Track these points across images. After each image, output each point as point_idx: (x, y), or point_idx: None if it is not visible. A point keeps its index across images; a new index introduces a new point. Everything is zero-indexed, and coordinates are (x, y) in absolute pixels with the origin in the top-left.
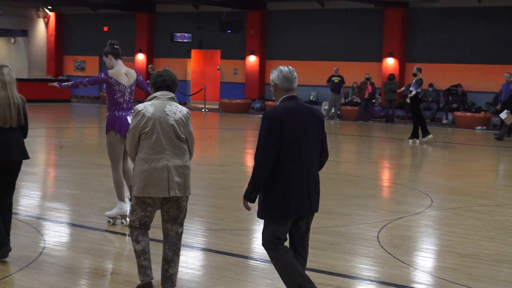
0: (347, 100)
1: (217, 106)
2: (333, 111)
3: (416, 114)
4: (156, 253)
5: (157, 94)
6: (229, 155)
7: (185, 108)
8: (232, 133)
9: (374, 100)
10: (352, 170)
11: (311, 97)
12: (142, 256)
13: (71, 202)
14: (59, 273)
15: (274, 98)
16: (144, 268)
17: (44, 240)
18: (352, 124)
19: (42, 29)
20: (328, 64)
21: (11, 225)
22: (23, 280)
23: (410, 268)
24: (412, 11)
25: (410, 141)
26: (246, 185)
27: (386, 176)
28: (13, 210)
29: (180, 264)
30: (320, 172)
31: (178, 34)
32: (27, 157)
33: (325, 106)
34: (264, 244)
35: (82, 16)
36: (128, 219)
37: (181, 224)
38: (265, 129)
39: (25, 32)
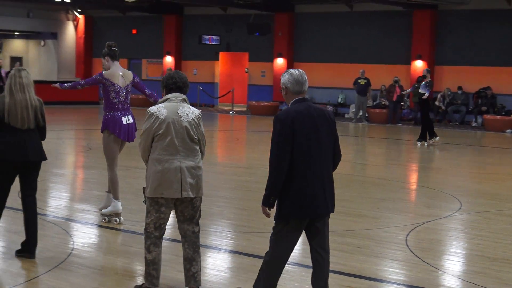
0: (375, 103)
1: (244, 109)
2: (360, 113)
3: (425, 116)
4: (179, 253)
5: (169, 96)
6: (257, 157)
7: (196, 109)
8: (260, 135)
9: (402, 103)
10: (380, 173)
11: (339, 100)
12: (151, 266)
13: (99, 204)
14: (87, 274)
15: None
16: (151, 277)
17: (73, 241)
18: (380, 126)
19: (72, 31)
20: (356, 67)
21: (37, 224)
22: (52, 281)
23: (439, 272)
24: (441, 13)
25: (418, 143)
26: None
27: (414, 179)
28: (43, 212)
29: (207, 265)
30: (348, 175)
31: (206, 37)
32: (44, 158)
33: (352, 108)
34: (272, 235)
35: (111, 18)
36: (122, 218)
37: (197, 223)
38: (277, 132)
39: (54, 35)
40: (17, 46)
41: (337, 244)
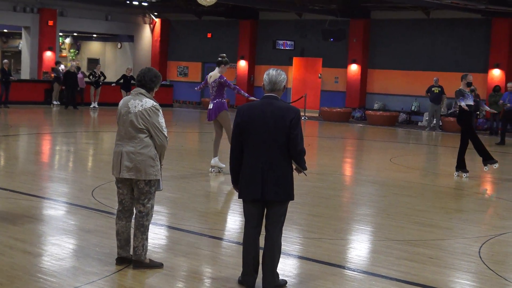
0: (449, 112)
1: (317, 114)
2: (434, 122)
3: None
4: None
5: (132, 90)
6: (328, 163)
7: (151, 102)
8: (332, 141)
9: (478, 112)
10: (454, 183)
11: (413, 107)
12: (116, 236)
13: (171, 205)
14: (158, 275)
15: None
16: (117, 246)
17: None
18: (454, 135)
19: (148, 35)
20: (431, 74)
21: None
22: (123, 280)
23: None
24: None
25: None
26: (345, 194)
27: (489, 190)
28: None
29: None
30: (420, 184)
31: (281, 42)
32: None
33: (426, 117)
34: None
35: (186, 22)
36: (214, 170)
37: (143, 205)
38: (234, 122)
39: (131, 38)
40: (94, 48)
41: (409, 254)
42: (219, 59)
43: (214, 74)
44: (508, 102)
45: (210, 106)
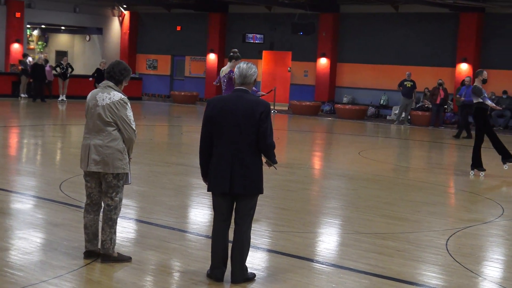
0: (418, 105)
1: (286, 108)
2: (403, 115)
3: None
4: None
5: (101, 83)
6: (297, 157)
7: (119, 95)
8: (301, 135)
9: (446, 106)
10: (422, 176)
11: (382, 101)
12: (84, 230)
13: (140, 199)
14: (126, 269)
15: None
16: (84, 240)
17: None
18: (422, 129)
19: (117, 27)
20: (400, 68)
21: None
22: (91, 274)
23: (479, 278)
24: (488, 16)
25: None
26: (314, 187)
27: (456, 183)
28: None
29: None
30: (389, 177)
31: (250, 35)
32: None
33: (395, 110)
34: None
35: (156, 15)
36: None
37: (111, 199)
38: (204, 114)
39: (100, 30)
40: (63, 40)
41: (377, 247)
42: (231, 54)
43: (225, 69)
44: (464, 97)
45: None
